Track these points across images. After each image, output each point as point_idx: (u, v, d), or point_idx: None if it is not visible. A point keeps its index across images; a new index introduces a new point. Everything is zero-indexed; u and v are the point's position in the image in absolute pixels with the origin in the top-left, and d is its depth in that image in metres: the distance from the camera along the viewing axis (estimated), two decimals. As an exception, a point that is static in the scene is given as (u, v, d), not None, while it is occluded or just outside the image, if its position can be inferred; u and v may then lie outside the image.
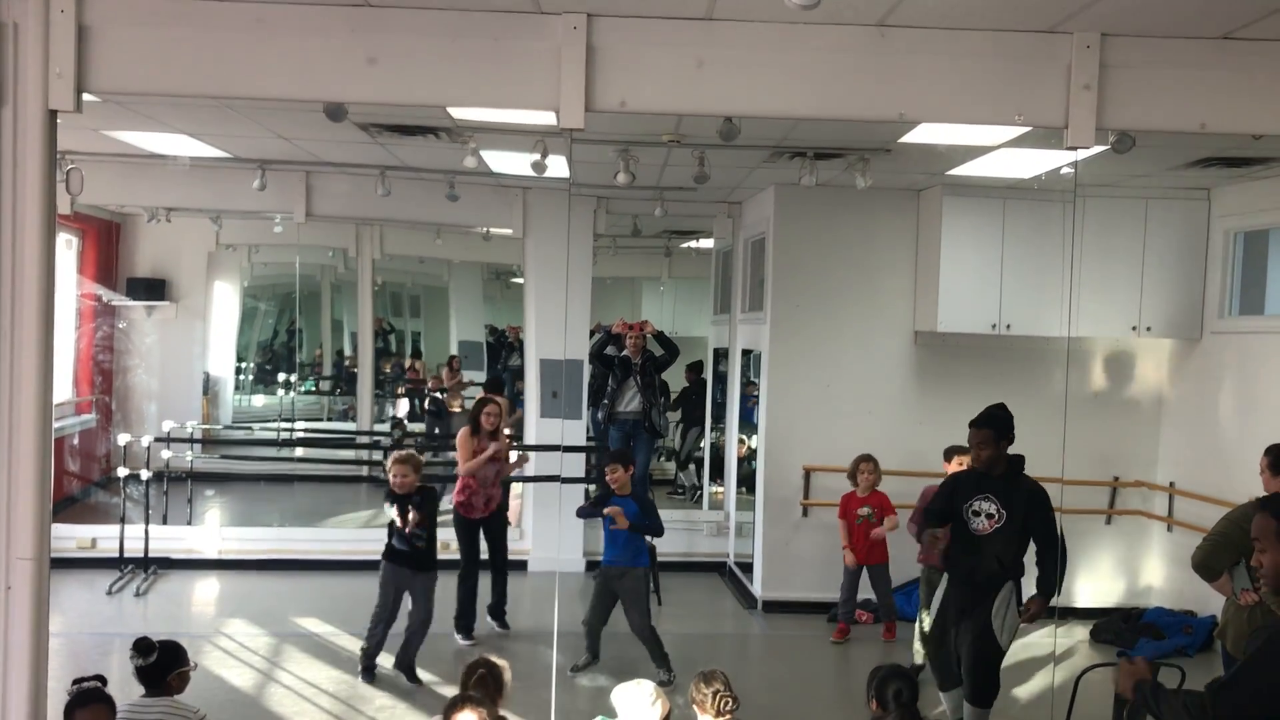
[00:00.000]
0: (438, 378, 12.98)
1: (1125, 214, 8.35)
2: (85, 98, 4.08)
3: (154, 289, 11.68)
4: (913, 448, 8.49)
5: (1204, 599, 7.66)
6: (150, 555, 9.29)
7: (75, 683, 4.06)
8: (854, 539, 8.17)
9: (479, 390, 11.28)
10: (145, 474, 9.34)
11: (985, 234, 8.31)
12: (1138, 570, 9.03)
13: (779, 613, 8.81)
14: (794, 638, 8.33)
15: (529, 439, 10.12)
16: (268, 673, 7.25)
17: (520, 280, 11.14)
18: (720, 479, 10.94)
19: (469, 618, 7.95)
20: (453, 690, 4.66)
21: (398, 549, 7.07)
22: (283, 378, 14.05)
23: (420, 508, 7.00)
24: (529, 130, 6.42)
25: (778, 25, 4.21)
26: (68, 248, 10.80)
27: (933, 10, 4.14)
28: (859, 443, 8.37)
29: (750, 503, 9.58)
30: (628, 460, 7.40)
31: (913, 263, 8.81)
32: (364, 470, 12.62)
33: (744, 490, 10.13)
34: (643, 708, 4.40)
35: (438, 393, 12.38)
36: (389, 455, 7.55)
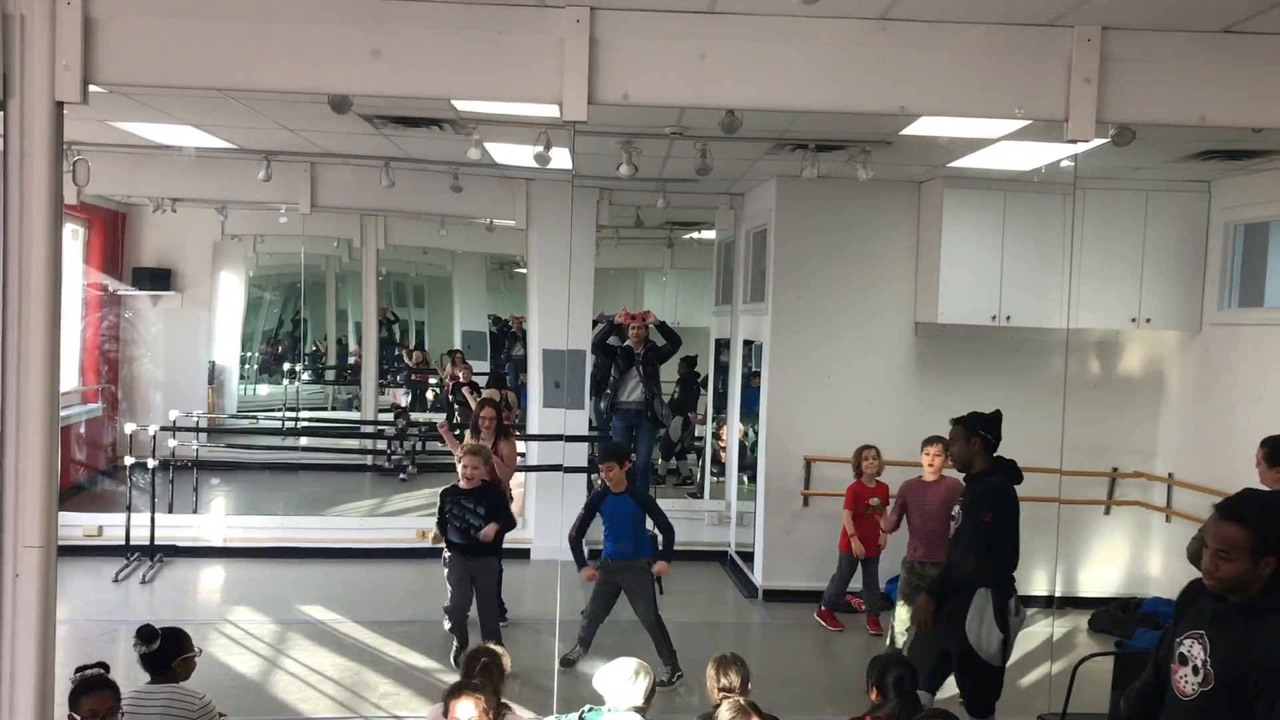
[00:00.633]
0: (453, 376, 12.98)
1: (1125, 206, 8.37)
2: (91, 89, 4.10)
3: (159, 279, 11.74)
4: (913, 438, 8.42)
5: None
6: (156, 543, 9.36)
7: (78, 670, 4.11)
8: (863, 529, 8.19)
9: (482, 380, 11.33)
10: (151, 462, 9.39)
11: (986, 226, 8.33)
12: (1136, 560, 9.06)
13: (780, 602, 8.86)
14: (794, 627, 8.37)
15: (531, 429, 10.17)
16: (272, 660, 7.30)
17: (523, 270, 11.18)
18: (721, 469, 10.99)
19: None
20: (453, 677, 4.70)
21: (457, 543, 7.07)
22: (287, 367, 14.11)
23: (494, 510, 7.05)
24: (532, 122, 6.44)
25: (780, 19, 4.23)
26: (74, 238, 10.86)
27: (934, 4, 4.16)
28: (860, 433, 8.40)
29: (751, 492, 9.62)
30: (623, 457, 7.33)
31: (914, 254, 8.84)
32: (368, 459, 12.69)
33: (745, 480, 10.18)
34: (623, 686, 4.40)
35: (464, 387, 12.29)
36: (390, 444, 7.55)
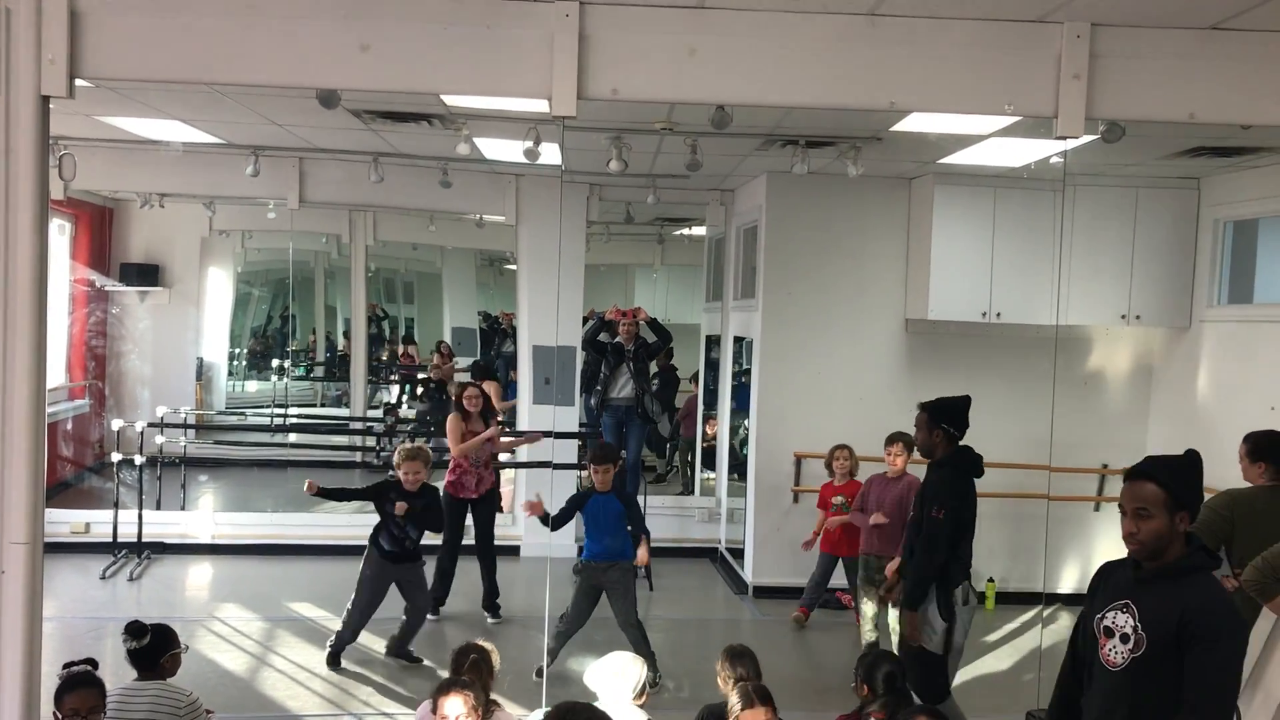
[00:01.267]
0: (437, 365, 13.00)
1: (1115, 203, 8.39)
2: (78, 83, 4.08)
3: (147, 274, 11.68)
4: (903, 435, 8.53)
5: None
6: (144, 540, 9.33)
7: (65, 667, 4.09)
8: (838, 529, 8.15)
9: (468, 374, 11.33)
10: (139, 459, 9.35)
11: (976, 222, 8.34)
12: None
13: (770, 598, 8.86)
14: (784, 623, 8.36)
15: (521, 425, 10.16)
16: (260, 657, 7.28)
17: (513, 267, 11.17)
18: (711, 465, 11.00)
19: (443, 594, 8.07)
20: (442, 674, 4.69)
21: (387, 549, 7.08)
22: (276, 363, 14.06)
23: (428, 510, 7.10)
24: (522, 117, 6.42)
25: (770, 14, 4.23)
26: (61, 233, 10.79)
27: (923, 0, 4.16)
28: (850, 429, 8.40)
29: (741, 489, 9.63)
30: (617, 459, 7.29)
31: (904, 251, 8.84)
32: (357, 456, 12.65)
33: (735, 476, 10.18)
34: (616, 680, 4.38)
35: (432, 380, 12.37)
36: (380, 440, 7.57)
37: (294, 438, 13.02)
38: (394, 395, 14.11)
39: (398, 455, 7.25)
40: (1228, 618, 3.24)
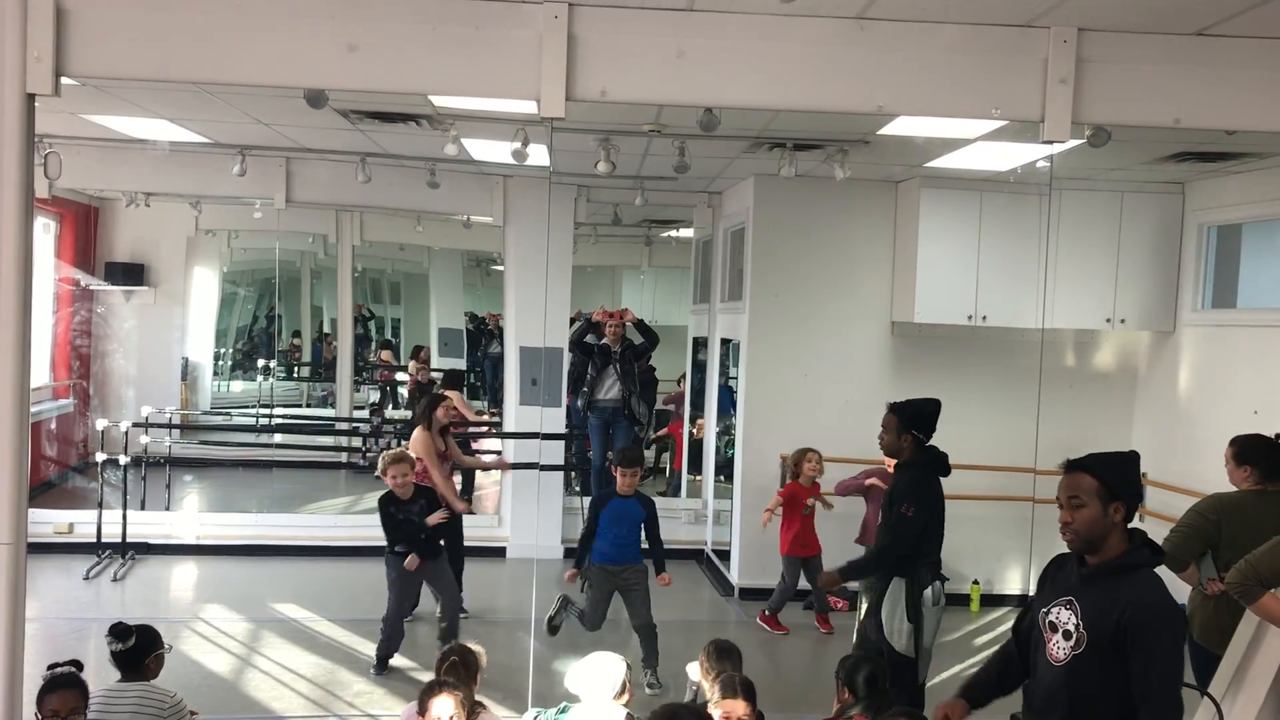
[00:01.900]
0: (413, 374, 12.97)
1: (1100, 207, 8.43)
2: (64, 81, 4.06)
3: (132, 274, 11.62)
4: (889, 437, 8.54)
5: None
6: (128, 540, 9.28)
7: (50, 668, 4.06)
8: (802, 531, 8.20)
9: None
10: (123, 459, 9.31)
11: (962, 226, 8.37)
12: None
13: (756, 600, 8.85)
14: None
15: (508, 426, 10.14)
16: (245, 658, 7.26)
17: (500, 268, 11.15)
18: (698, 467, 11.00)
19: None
20: (428, 676, 4.68)
21: (403, 552, 7.03)
22: (262, 363, 14.02)
23: (429, 509, 7.08)
24: (510, 118, 6.41)
25: (758, 17, 4.24)
26: (45, 232, 10.73)
27: (912, 4, 4.17)
28: (836, 432, 8.44)
29: (728, 490, 9.63)
30: (642, 462, 7.23)
31: (890, 254, 8.87)
32: (343, 456, 12.62)
33: (721, 478, 10.19)
34: (598, 681, 4.37)
35: (418, 381, 12.32)
36: (365, 441, 7.54)
37: (279, 438, 12.98)
38: (377, 396, 14.08)
39: (382, 462, 7.19)
40: (1166, 611, 3.30)
